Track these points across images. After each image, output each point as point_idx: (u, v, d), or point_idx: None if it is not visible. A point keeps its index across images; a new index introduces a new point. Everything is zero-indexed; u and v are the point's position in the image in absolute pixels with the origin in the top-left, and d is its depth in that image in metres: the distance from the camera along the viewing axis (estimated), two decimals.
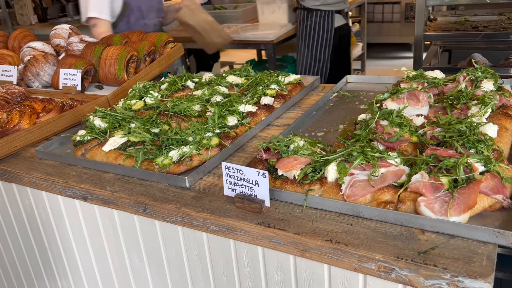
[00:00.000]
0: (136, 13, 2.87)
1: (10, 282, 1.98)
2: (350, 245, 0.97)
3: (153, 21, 3.02)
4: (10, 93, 2.11)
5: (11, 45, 2.91)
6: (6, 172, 1.56)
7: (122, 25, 2.85)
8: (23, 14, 6.34)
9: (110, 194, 1.32)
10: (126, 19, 2.85)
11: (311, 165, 1.16)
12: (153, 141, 1.48)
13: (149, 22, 2.98)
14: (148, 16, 2.96)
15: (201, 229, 1.19)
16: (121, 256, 1.47)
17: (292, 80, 1.90)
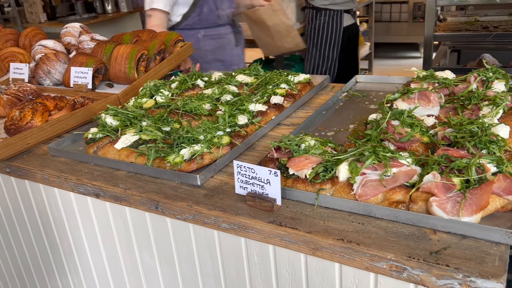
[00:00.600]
0: (210, 3, 2.75)
1: (21, 279, 2.00)
2: (362, 244, 0.98)
3: (226, 12, 2.88)
4: (22, 90, 2.13)
5: (22, 43, 2.94)
6: (19, 168, 1.58)
7: (194, 16, 2.77)
8: (32, 12, 6.39)
9: (122, 192, 1.33)
10: (199, 9, 2.75)
11: (322, 165, 1.16)
12: (164, 139, 1.49)
13: (222, 13, 2.85)
14: (222, 7, 2.83)
15: (213, 226, 1.20)
16: (132, 253, 1.48)
17: (302, 80, 1.90)
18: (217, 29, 2.90)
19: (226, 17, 2.89)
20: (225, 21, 2.89)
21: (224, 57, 2.91)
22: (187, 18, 2.73)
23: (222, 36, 2.92)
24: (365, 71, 6.96)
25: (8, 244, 1.92)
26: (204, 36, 2.88)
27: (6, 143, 1.61)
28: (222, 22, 2.89)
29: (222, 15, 2.85)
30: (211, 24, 2.86)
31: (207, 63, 2.79)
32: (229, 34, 2.96)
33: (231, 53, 2.96)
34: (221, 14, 2.83)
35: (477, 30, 2.91)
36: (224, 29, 2.93)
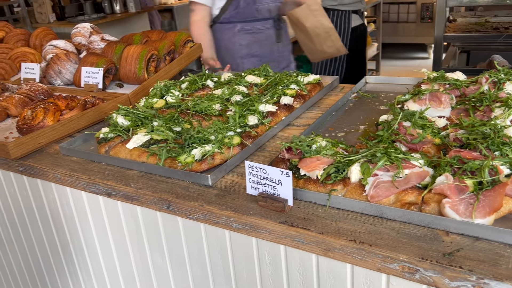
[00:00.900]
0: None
1: (32, 277, 2.02)
2: (374, 246, 0.98)
3: (266, 6, 2.73)
4: (34, 90, 2.15)
5: (32, 43, 2.97)
6: (32, 167, 1.59)
7: (231, 10, 2.70)
8: (41, 13, 6.44)
9: (134, 191, 1.34)
10: (236, 2, 2.67)
11: (334, 165, 1.17)
12: (175, 139, 1.50)
13: (261, 7, 2.71)
14: (260, 0, 2.69)
15: (224, 226, 1.20)
16: (143, 252, 1.49)
17: (312, 80, 1.91)
18: (255, 23, 2.78)
19: (267, 11, 2.75)
20: (265, 16, 2.76)
21: (261, 53, 2.79)
22: (225, 11, 2.68)
23: (260, 31, 2.80)
24: (372, 72, 6.94)
25: (19, 243, 1.94)
26: (240, 30, 2.78)
27: (18, 142, 1.62)
28: (262, 16, 2.76)
29: (262, 9, 2.72)
30: (249, 18, 2.75)
31: (240, 58, 2.73)
32: (269, 29, 2.83)
33: (270, 49, 2.83)
34: (260, 8, 2.70)
35: (487, 31, 2.89)
36: (263, 24, 2.81)
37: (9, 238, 1.98)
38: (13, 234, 1.95)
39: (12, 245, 1.99)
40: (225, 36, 2.78)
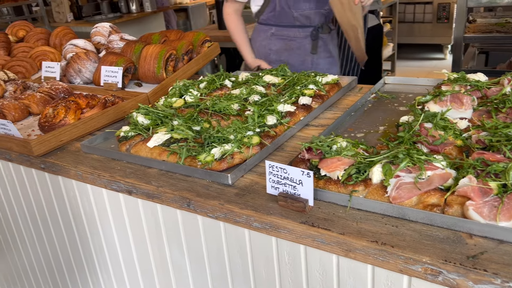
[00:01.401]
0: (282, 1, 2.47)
1: (52, 273, 2.06)
2: (396, 247, 0.97)
3: (305, 13, 2.49)
4: (54, 88, 2.19)
5: (52, 42, 3.02)
6: (54, 165, 1.62)
7: (268, 11, 2.56)
8: (59, 12, 6.53)
9: (155, 189, 1.36)
10: (272, 5, 2.51)
11: (355, 166, 1.16)
12: (195, 138, 1.52)
13: (299, 14, 2.48)
14: (296, 7, 2.46)
15: (244, 225, 1.21)
16: (162, 249, 1.51)
17: (330, 81, 1.90)
18: (290, 29, 2.55)
19: (306, 19, 2.51)
20: (304, 23, 2.52)
21: (291, 62, 2.58)
22: (263, 12, 2.58)
23: (292, 39, 2.57)
24: (387, 72, 6.89)
25: (40, 239, 1.98)
26: (273, 34, 2.61)
27: (41, 139, 1.65)
28: (300, 23, 2.53)
29: (299, 17, 2.49)
30: (285, 23, 2.56)
31: (270, 63, 2.59)
32: (304, 38, 2.56)
33: (302, 60, 2.60)
34: (296, 15, 2.48)
35: (508, 31, 2.85)
36: (299, 31, 2.57)
37: (30, 235, 2.01)
38: (34, 231, 1.98)
39: (33, 241, 2.03)
40: (259, 38, 2.66)
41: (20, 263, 2.22)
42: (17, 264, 2.25)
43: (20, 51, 2.94)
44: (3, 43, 2.95)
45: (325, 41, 2.62)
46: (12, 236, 2.13)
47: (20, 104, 2.08)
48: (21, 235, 2.08)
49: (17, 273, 2.30)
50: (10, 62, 2.72)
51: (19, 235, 2.09)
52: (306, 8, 2.47)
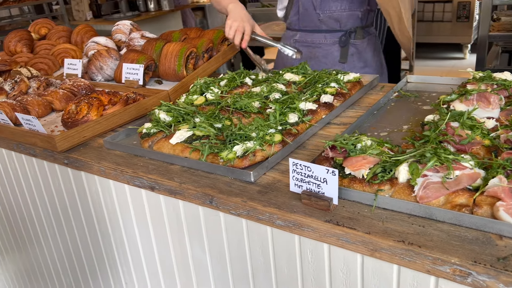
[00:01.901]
0: (305, 3, 2.25)
1: (72, 267, 2.08)
2: (423, 247, 0.96)
3: (334, 15, 2.21)
4: (76, 85, 2.21)
5: (74, 40, 3.06)
6: (77, 160, 1.64)
7: (292, 15, 2.34)
8: (79, 10, 6.62)
9: (177, 185, 1.36)
10: (296, 7, 2.29)
11: (380, 165, 1.15)
12: (216, 135, 1.52)
13: (326, 15, 2.21)
14: (322, 7, 2.19)
15: (267, 223, 1.21)
16: (183, 245, 1.51)
17: (352, 79, 1.89)
18: (316, 35, 2.28)
19: (335, 22, 2.21)
20: (332, 27, 2.23)
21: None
22: (287, 16, 2.35)
23: (317, 46, 2.29)
24: (405, 72, 6.81)
25: (62, 234, 2.01)
26: (297, 41, 2.35)
27: (64, 135, 1.68)
28: (327, 27, 2.24)
29: (326, 19, 2.20)
30: (310, 28, 2.29)
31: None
32: (331, 45, 2.29)
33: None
34: (323, 17, 2.19)
35: None
36: (326, 37, 2.29)
37: (52, 229, 2.04)
38: (55, 225, 2.01)
39: (54, 236, 2.06)
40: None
41: (42, 258, 2.26)
42: (39, 259, 2.28)
43: (42, 49, 2.99)
44: (26, 40, 3.00)
45: (359, 48, 2.30)
46: (34, 230, 2.17)
47: (43, 101, 2.12)
48: (43, 230, 2.11)
49: (39, 267, 2.33)
50: (33, 59, 2.76)
51: (41, 229, 2.12)
52: (336, 8, 2.18)
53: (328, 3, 2.19)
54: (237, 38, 2.05)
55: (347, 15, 2.20)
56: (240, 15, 2.07)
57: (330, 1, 2.17)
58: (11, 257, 2.50)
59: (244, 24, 2.05)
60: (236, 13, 2.08)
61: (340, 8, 2.19)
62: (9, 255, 2.50)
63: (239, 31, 2.05)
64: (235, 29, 2.05)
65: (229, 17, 2.08)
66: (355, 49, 2.31)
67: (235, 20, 2.06)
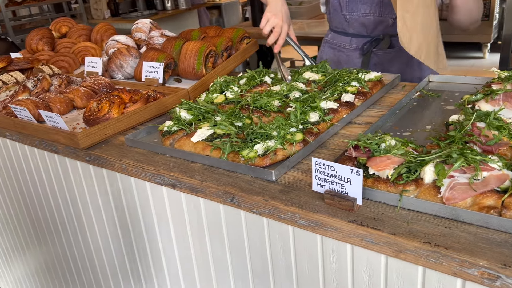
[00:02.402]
0: (333, 1, 2.17)
1: (92, 263, 2.11)
2: (450, 249, 0.95)
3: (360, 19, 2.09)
4: (97, 83, 2.24)
5: (93, 38, 3.09)
6: (99, 157, 1.66)
7: (328, 13, 2.27)
8: (97, 9, 6.69)
9: (199, 183, 1.37)
10: (329, 7, 2.23)
11: (405, 165, 1.14)
12: (237, 134, 1.52)
13: (352, 17, 2.10)
14: (350, 8, 2.08)
15: (289, 222, 1.20)
16: (203, 243, 1.52)
17: (373, 78, 1.87)
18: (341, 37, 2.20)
19: (361, 26, 2.09)
20: (359, 32, 2.12)
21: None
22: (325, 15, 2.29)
23: (341, 50, 2.21)
24: None
25: (82, 230, 2.03)
26: (326, 41, 2.30)
27: (87, 132, 1.69)
28: (354, 31, 2.13)
29: (352, 21, 2.08)
30: (338, 29, 2.21)
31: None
32: (354, 51, 2.19)
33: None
34: (349, 18, 2.08)
35: None
36: (350, 41, 2.19)
37: (73, 225, 2.07)
38: (76, 221, 2.04)
39: (75, 232, 2.09)
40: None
41: (62, 253, 2.29)
42: (59, 254, 2.32)
43: (63, 47, 3.03)
44: (47, 38, 3.05)
45: (382, 59, 2.15)
46: (55, 226, 2.20)
47: (65, 98, 2.14)
48: (64, 226, 2.14)
49: (59, 262, 2.37)
50: (54, 57, 2.80)
51: (62, 225, 2.16)
52: (364, 12, 2.04)
53: (356, 5, 2.07)
54: (272, 38, 1.93)
55: (376, 20, 2.04)
56: (280, 10, 1.92)
57: (359, 3, 2.05)
58: (32, 253, 2.55)
59: (282, 24, 1.91)
60: (276, 7, 1.93)
61: (369, 12, 2.05)
62: (30, 251, 2.55)
63: (275, 31, 1.91)
64: (271, 26, 1.91)
65: (268, 9, 1.93)
66: (377, 59, 2.17)
67: (274, 14, 1.91)
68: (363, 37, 2.15)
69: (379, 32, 2.10)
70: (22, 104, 1.98)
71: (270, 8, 1.95)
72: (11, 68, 2.54)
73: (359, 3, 2.06)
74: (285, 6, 1.98)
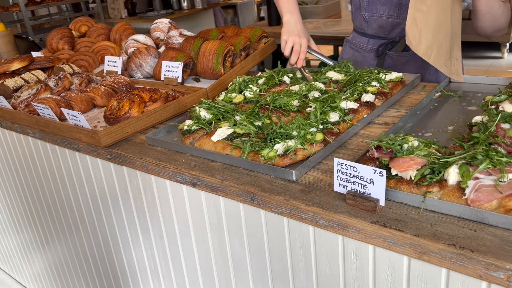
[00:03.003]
0: (355, 1, 2.17)
1: (111, 259, 2.14)
2: (476, 252, 0.94)
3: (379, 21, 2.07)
4: (117, 82, 2.26)
5: (112, 37, 3.12)
6: (120, 155, 1.68)
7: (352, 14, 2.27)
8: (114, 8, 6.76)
9: (219, 182, 1.38)
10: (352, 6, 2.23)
11: (428, 166, 1.13)
12: (257, 133, 1.52)
13: (372, 18, 2.09)
14: (369, 9, 2.07)
15: (310, 222, 1.20)
16: (222, 242, 1.53)
17: (394, 78, 1.85)
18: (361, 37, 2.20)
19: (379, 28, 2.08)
20: (377, 33, 2.10)
21: None
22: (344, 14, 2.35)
23: (359, 50, 2.21)
24: None
25: (101, 226, 2.06)
26: (347, 41, 2.30)
27: (108, 131, 1.72)
28: (372, 31, 2.11)
29: (371, 23, 2.06)
30: (358, 29, 2.21)
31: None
32: (369, 52, 2.19)
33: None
34: (368, 18, 2.07)
35: None
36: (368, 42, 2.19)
37: (92, 222, 2.10)
38: (96, 219, 2.06)
39: (94, 229, 2.12)
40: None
41: (81, 250, 2.32)
42: (78, 251, 2.35)
43: (82, 46, 3.07)
44: (68, 38, 3.09)
45: (396, 62, 2.14)
46: (74, 223, 2.23)
47: (85, 97, 2.17)
48: (83, 223, 2.17)
49: (78, 259, 2.41)
50: (74, 56, 2.84)
51: (81, 222, 2.19)
52: (383, 13, 2.02)
53: (375, 6, 2.05)
54: (293, 58, 1.98)
55: (393, 22, 2.04)
56: (296, 28, 1.99)
57: (378, 4, 2.03)
58: (51, 249, 2.59)
59: (300, 40, 1.96)
60: (290, 27, 2.00)
61: (387, 13, 2.03)
62: (50, 247, 2.59)
63: (295, 50, 1.96)
64: (291, 46, 1.97)
65: (284, 31, 2.01)
66: (391, 62, 2.16)
67: (291, 34, 1.98)
68: (380, 39, 2.16)
69: (396, 34, 2.10)
70: (44, 103, 2.02)
71: (285, 29, 2.02)
72: (33, 67, 2.58)
73: (379, 4, 2.05)
74: (300, 25, 2.02)
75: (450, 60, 1.75)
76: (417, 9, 1.64)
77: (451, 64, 1.75)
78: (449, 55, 1.74)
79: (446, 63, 1.73)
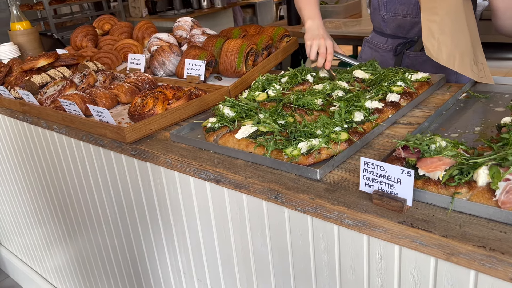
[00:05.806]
0: (373, 1, 2.16)
1: (132, 256, 2.17)
2: (507, 254, 0.92)
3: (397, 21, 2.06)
4: (140, 80, 2.29)
5: (135, 36, 3.16)
6: (144, 152, 1.70)
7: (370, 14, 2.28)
8: (135, 7, 6.84)
9: (243, 179, 1.38)
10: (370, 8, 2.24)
11: (457, 167, 1.11)
12: (280, 132, 1.52)
13: (390, 17, 2.07)
14: (387, 8, 2.06)
15: (335, 221, 1.20)
16: (245, 239, 1.53)
17: (420, 78, 1.83)
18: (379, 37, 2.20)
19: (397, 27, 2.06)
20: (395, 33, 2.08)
21: None
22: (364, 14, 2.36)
23: (377, 50, 2.20)
24: None
25: (124, 223, 2.09)
26: (366, 41, 2.30)
27: (133, 127, 1.74)
28: (390, 31, 2.10)
29: (390, 22, 2.05)
30: (377, 29, 2.21)
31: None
32: (387, 51, 2.18)
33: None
34: (386, 19, 2.05)
35: None
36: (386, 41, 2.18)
37: (115, 217, 2.13)
38: (118, 214, 2.09)
39: (116, 224, 2.15)
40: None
41: (103, 245, 2.36)
42: (100, 246, 2.39)
43: (105, 44, 3.12)
44: (91, 36, 3.14)
45: (413, 62, 2.12)
46: (97, 218, 2.27)
47: (110, 93, 2.21)
48: (106, 218, 2.21)
49: (99, 254, 2.44)
50: (98, 54, 2.89)
51: (104, 218, 2.22)
52: (401, 12, 2.01)
53: (393, 5, 2.03)
54: (320, 61, 1.99)
55: (412, 22, 2.02)
56: (319, 32, 2.01)
57: (396, 3, 2.02)
58: (73, 243, 2.64)
59: (325, 42, 1.97)
60: (313, 32, 2.02)
61: (406, 13, 2.01)
62: (72, 241, 2.64)
63: (321, 52, 1.97)
64: (316, 49, 1.98)
65: (307, 36, 2.02)
66: (409, 61, 2.14)
67: (315, 38, 1.98)
68: (399, 38, 2.14)
69: (414, 34, 2.09)
70: (70, 99, 2.05)
71: (308, 35, 2.03)
72: (58, 64, 2.63)
73: (397, 3, 2.04)
74: (322, 29, 2.03)
75: (477, 65, 1.72)
76: (430, 20, 1.65)
77: (478, 70, 1.73)
78: (474, 60, 1.72)
79: (473, 69, 1.71)
